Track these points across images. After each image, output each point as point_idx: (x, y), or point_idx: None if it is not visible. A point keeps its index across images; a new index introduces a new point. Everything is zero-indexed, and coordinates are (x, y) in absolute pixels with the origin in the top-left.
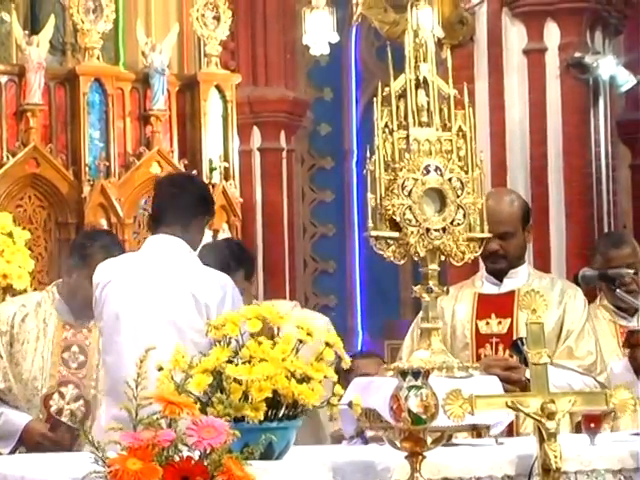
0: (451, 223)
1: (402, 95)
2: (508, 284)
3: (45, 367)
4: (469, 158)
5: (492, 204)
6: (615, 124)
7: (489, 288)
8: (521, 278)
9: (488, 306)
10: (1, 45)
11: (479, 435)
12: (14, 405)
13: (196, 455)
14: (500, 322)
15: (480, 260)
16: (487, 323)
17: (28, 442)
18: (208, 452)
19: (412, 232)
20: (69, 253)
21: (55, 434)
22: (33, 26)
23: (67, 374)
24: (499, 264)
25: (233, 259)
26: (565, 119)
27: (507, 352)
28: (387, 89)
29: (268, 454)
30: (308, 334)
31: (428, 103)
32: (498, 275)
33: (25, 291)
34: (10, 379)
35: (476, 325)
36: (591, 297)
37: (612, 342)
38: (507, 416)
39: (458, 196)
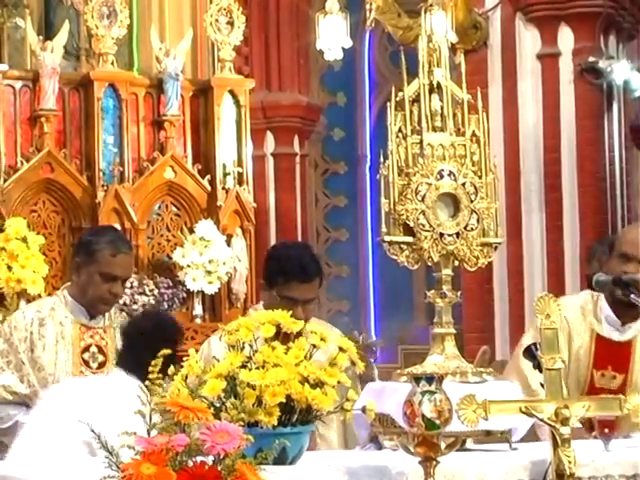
0: (465, 228)
1: (416, 100)
2: (632, 330)
3: (67, 369)
4: (483, 163)
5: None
6: (629, 129)
7: (610, 332)
8: (636, 325)
9: (607, 354)
10: (15, 51)
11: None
12: None
13: (210, 460)
14: (615, 377)
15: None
16: (603, 375)
17: None
18: (222, 457)
19: (426, 237)
20: (76, 252)
21: None
22: (47, 32)
23: (89, 374)
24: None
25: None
26: (579, 124)
27: None
28: (401, 94)
29: (282, 459)
30: (322, 339)
31: (442, 108)
32: (621, 312)
33: (39, 296)
34: (35, 384)
35: (592, 375)
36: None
37: None
38: (525, 422)
39: (472, 201)
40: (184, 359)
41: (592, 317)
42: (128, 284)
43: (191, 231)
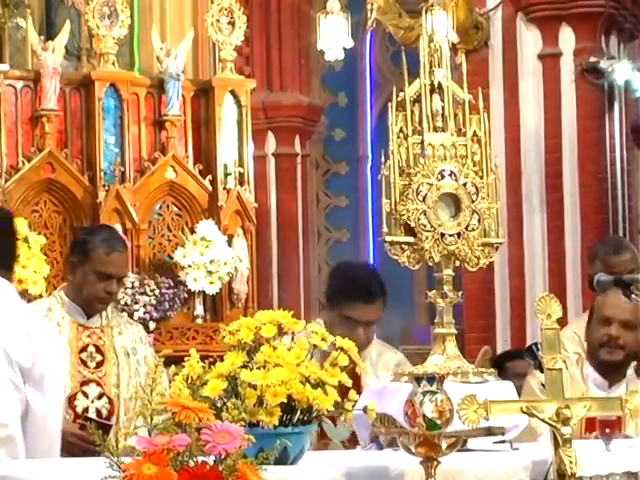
0: (466, 228)
1: (417, 100)
2: (619, 391)
3: (65, 369)
4: (484, 163)
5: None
6: (630, 129)
7: (596, 392)
8: (624, 385)
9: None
10: (16, 51)
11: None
12: None
13: (211, 460)
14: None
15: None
16: (596, 437)
17: (61, 444)
18: (223, 457)
19: (427, 237)
20: (70, 252)
21: (86, 432)
22: (48, 32)
23: (87, 374)
24: (616, 355)
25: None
26: (580, 124)
27: None
28: (402, 94)
29: (283, 459)
30: (323, 339)
31: (443, 108)
32: (606, 374)
33: (40, 296)
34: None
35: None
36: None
37: None
38: (522, 421)
39: (473, 201)
40: (185, 359)
41: (580, 383)
42: (129, 284)
43: (192, 231)
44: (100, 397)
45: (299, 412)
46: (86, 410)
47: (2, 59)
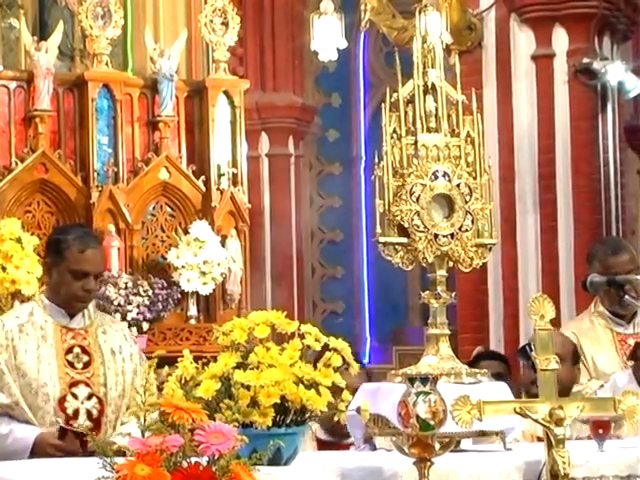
0: (459, 229)
1: (410, 101)
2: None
3: (52, 372)
4: (477, 164)
5: None
6: (623, 130)
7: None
8: None
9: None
10: (10, 51)
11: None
12: (23, 419)
13: (204, 461)
14: None
15: None
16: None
17: (40, 455)
18: (216, 458)
19: (420, 238)
20: (45, 253)
21: (64, 442)
22: (42, 32)
23: (75, 375)
24: None
25: None
26: (573, 125)
27: None
28: (395, 95)
29: (276, 460)
30: (316, 340)
31: (436, 109)
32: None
33: (34, 297)
34: (16, 393)
35: None
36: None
37: (610, 349)
38: (519, 422)
39: (466, 202)
40: (178, 360)
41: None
42: (122, 284)
43: (185, 232)
44: (90, 397)
45: (292, 413)
46: (77, 411)
47: None
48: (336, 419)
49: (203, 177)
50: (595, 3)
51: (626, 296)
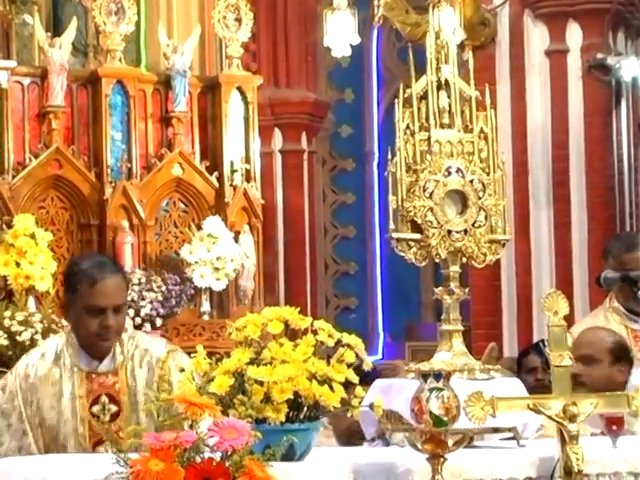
0: (472, 225)
1: (423, 97)
2: None
3: (77, 427)
4: (491, 160)
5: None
6: (637, 125)
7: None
8: None
9: None
10: (24, 47)
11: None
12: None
13: (218, 456)
14: None
15: None
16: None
17: None
18: (230, 453)
19: (433, 234)
20: (63, 289)
21: None
22: (55, 28)
23: (100, 430)
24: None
25: None
26: (587, 121)
27: None
28: (408, 91)
29: (289, 455)
30: (329, 336)
31: (450, 105)
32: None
33: (48, 292)
34: (34, 451)
35: None
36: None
37: None
38: (535, 419)
39: (480, 198)
40: (192, 355)
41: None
42: (136, 280)
43: (199, 228)
44: None
45: (306, 408)
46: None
47: (9, 56)
48: (349, 415)
49: (216, 173)
50: None
51: (639, 292)
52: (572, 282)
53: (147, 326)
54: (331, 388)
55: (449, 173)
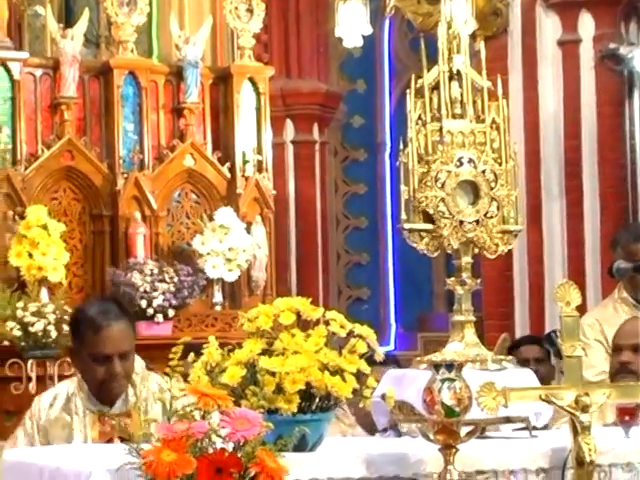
0: (485, 215)
1: (435, 87)
2: None
3: None
4: (503, 150)
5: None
6: None
7: None
8: None
9: None
10: (36, 39)
11: None
12: None
13: (230, 447)
14: None
15: None
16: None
17: None
18: (242, 444)
19: (445, 224)
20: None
21: None
22: (67, 19)
23: (111, 423)
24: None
25: None
26: (599, 111)
27: None
28: (420, 81)
29: (301, 446)
30: (341, 327)
31: (461, 95)
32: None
33: (60, 284)
34: None
35: None
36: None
37: None
38: (546, 409)
39: (492, 188)
40: (204, 346)
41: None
42: (148, 271)
43: (211, 219)
44: None
45: (318, 399)
46: None
47: (21, 47)
48: (361, 405)
49: (228, 164)
50: None
51: None
52: (584, 273)
53: (159, 317)
54: (343, 379)
55: (461, 163)
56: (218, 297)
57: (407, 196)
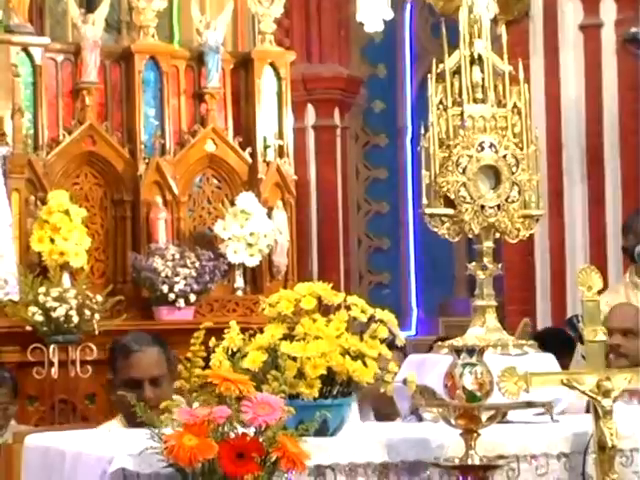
0: (506, 200)
1: (456, 72)
2: None
3: None
4: (524, 135)
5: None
6: None
7: None
8: None
9: None
10: (57, 24)
11: None
12: None
13: (251, 432)
14: None
15: None
16: None
17: None
18: (263, 429)
19: (467, 209)
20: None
21: None
22: (88, 5)
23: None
24: (618, 363)
25: None
26: (621, 95)
27: None
28: (441, 66)
29: (323, 431)
30: (362, 311)
31: (483, 79)
32: None
33: (82, 269)
34: None
35: None
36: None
37: None
38: (567, 394)
39: (513, 173)
40: (225, 331)
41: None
42: (169, 256)
43: (232, 204)
44: None
45: (339, 384)
46: None
47: (43, 32)
48: (382, 390)
49: (249, 149)
50: None
51: None
52: (606, 257)
53: (181, 302)
54: (364, 364)
55: (482, 148)
56: (239, 282)
57: (428, 181)
